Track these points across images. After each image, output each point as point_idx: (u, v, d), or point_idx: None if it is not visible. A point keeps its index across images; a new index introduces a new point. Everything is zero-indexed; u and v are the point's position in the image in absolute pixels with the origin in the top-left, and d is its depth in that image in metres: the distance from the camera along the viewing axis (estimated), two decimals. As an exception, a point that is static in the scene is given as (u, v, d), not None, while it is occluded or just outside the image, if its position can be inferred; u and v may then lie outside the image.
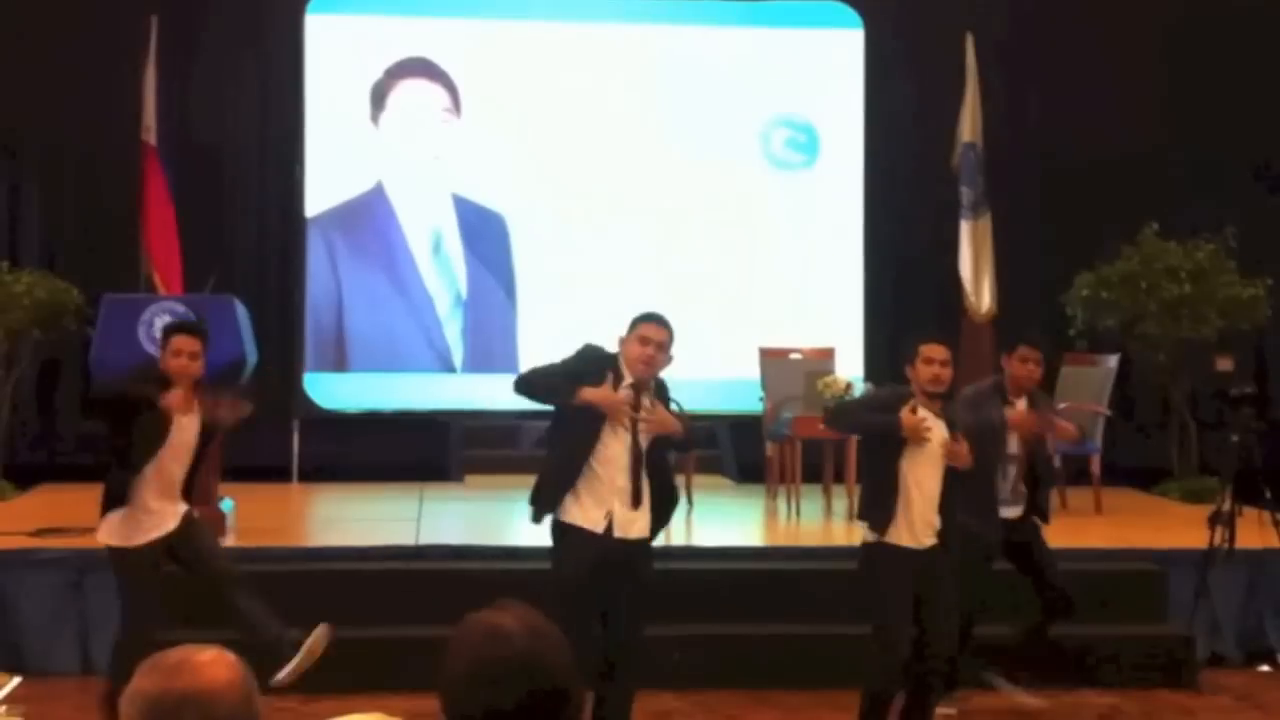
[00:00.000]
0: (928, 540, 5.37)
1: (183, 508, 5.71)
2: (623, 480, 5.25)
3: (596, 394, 5.19)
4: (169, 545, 5.67)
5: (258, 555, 6.80)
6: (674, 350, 5.34)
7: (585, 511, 5.27)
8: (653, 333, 5.30)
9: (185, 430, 5.67)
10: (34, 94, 10.12)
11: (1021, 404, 6.08)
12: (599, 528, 5.25)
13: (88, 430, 9.86)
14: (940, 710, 5.76)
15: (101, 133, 10.04)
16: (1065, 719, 6.18)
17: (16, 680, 5.83)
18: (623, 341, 5.34)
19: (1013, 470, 6.15)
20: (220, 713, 2.15)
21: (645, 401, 5.27)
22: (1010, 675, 6.28)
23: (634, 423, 5.24)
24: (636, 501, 5.27)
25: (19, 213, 10.27)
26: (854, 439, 8.40)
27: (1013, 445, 6.15)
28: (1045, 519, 6.17)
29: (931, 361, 5.43)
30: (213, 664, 2.21)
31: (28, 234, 10.25)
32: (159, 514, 5.63)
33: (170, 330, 5.78)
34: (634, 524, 5.28)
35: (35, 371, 9.79)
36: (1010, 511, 6.10)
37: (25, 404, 9.87)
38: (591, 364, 5.31)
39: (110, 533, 5.61)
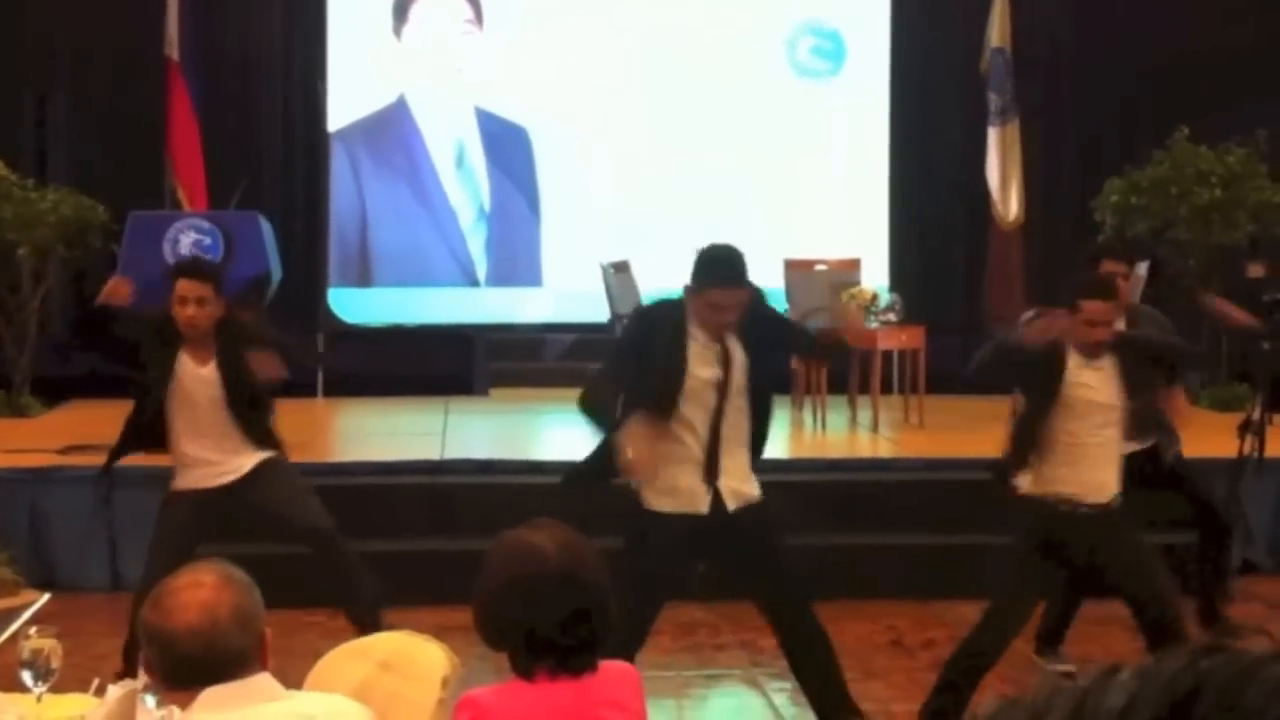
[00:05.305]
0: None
1: (245, 459, 5.15)
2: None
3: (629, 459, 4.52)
4: (225, 505, 5.17)
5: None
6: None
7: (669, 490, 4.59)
8: (725, 299, 4.48)
9: (203, 383, 5.04)
10: (59, 11, 10.03)
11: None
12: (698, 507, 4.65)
13: (114, 347, 9.89)
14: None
15: (126, 49, 9.96)
16: (1094, 629, 6.16)
17: (45, 597, 5.88)
18: (689, 292, 4.59)
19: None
20: (179, 651, 2.35)
21: (734, 349, 4.59)
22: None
23: (723, 385, 4.56)
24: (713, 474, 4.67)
25: (45, 130, 10.22)
26: (880, 350, 8.39)
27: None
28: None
29: (1094, 325, 4.46)
30: (186, 608, 2.36)
31: (55, 151, 10.21)
32: (204, 465, 5.14)
33: (175, 271, 5.08)
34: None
35: (61, 288, 9.79)
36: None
37: (52, 321, 9.88)
38: (653, 330, 4.62)
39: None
